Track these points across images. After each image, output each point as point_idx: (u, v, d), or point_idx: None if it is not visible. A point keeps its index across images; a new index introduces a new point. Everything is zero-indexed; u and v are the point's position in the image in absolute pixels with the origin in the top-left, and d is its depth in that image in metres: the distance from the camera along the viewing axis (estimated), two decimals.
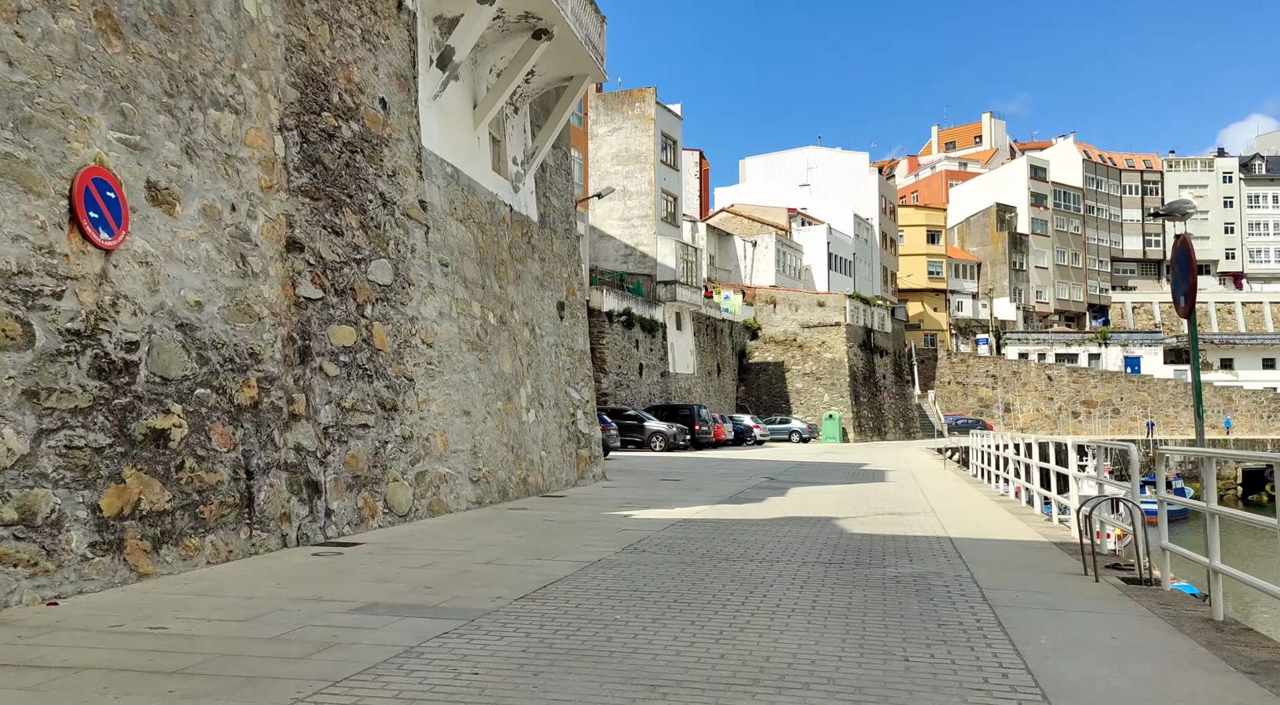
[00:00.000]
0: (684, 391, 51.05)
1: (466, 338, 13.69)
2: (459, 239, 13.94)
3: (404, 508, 11.06)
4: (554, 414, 17.10)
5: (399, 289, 11.76)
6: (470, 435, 13.24)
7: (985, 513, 13.70)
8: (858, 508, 14.00)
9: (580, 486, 17.54)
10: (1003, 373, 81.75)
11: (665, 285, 49.51)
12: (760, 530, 10.92)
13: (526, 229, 17.08)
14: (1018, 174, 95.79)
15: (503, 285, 15.49)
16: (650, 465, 25.50)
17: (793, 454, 35.65)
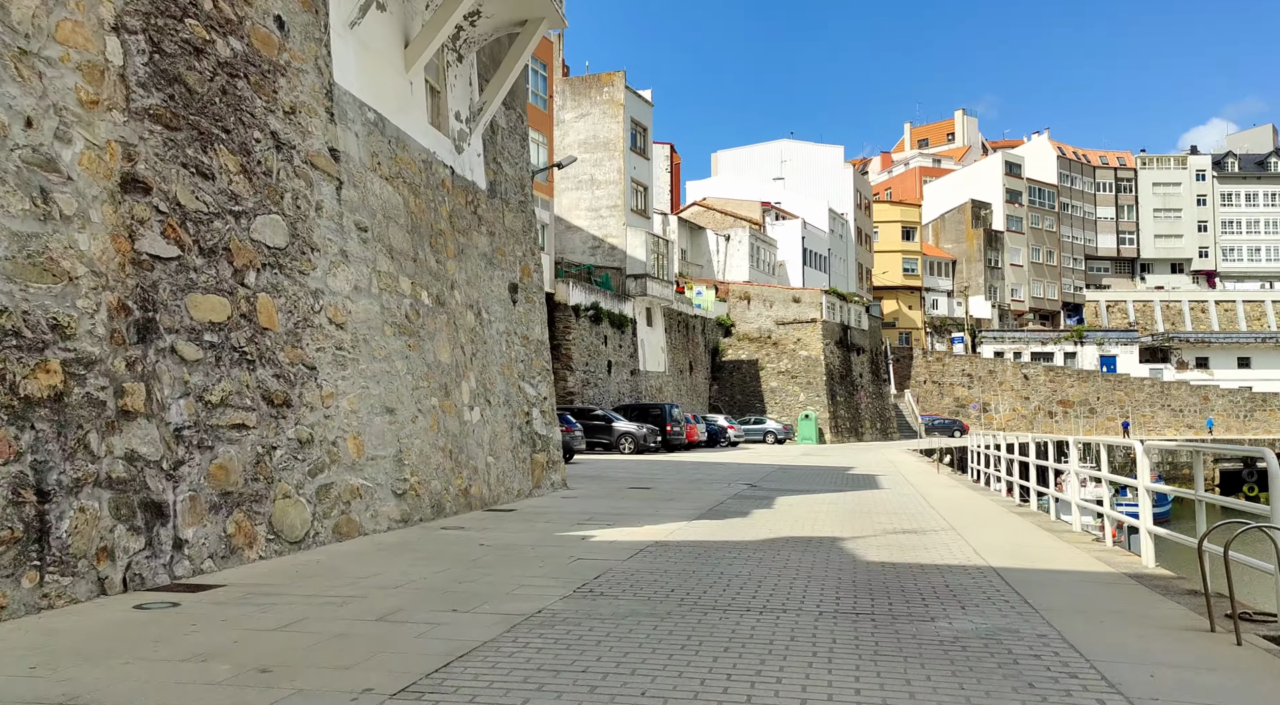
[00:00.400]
0: (655, 390, 48.77)
1: (392, 319, 11.28)
2: (384, 200, 11.53)
3: (297, 531, 8.64)
4: (504, 413, 14.72)
5: (297, 254, 9.33)
6: (394, 438, 10.84)
7: (1011, 528, 11.51)
8: (862, 523, 11.76)
9: (535, 497, 15.17)
10: (979, 372, 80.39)
11: (635, 279, 47.20)
12: (752, 558, 8.63)
13: (472, 197, 14.69)
14: (992, 170, 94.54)
15: (441, 260, 13.09)
16: (618, 470, 23.17)
17: (770, 456, 33.50)
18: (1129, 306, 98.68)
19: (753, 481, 19.49)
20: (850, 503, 14.68)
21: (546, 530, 10.69)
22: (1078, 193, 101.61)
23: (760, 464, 27.11)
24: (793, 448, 45.50)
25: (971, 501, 15.34)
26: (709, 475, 21.63)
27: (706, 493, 16.30)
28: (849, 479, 20.99)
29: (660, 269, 48.92)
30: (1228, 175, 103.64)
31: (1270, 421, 79.03)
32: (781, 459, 31.18)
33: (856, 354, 60.90)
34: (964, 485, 19.96)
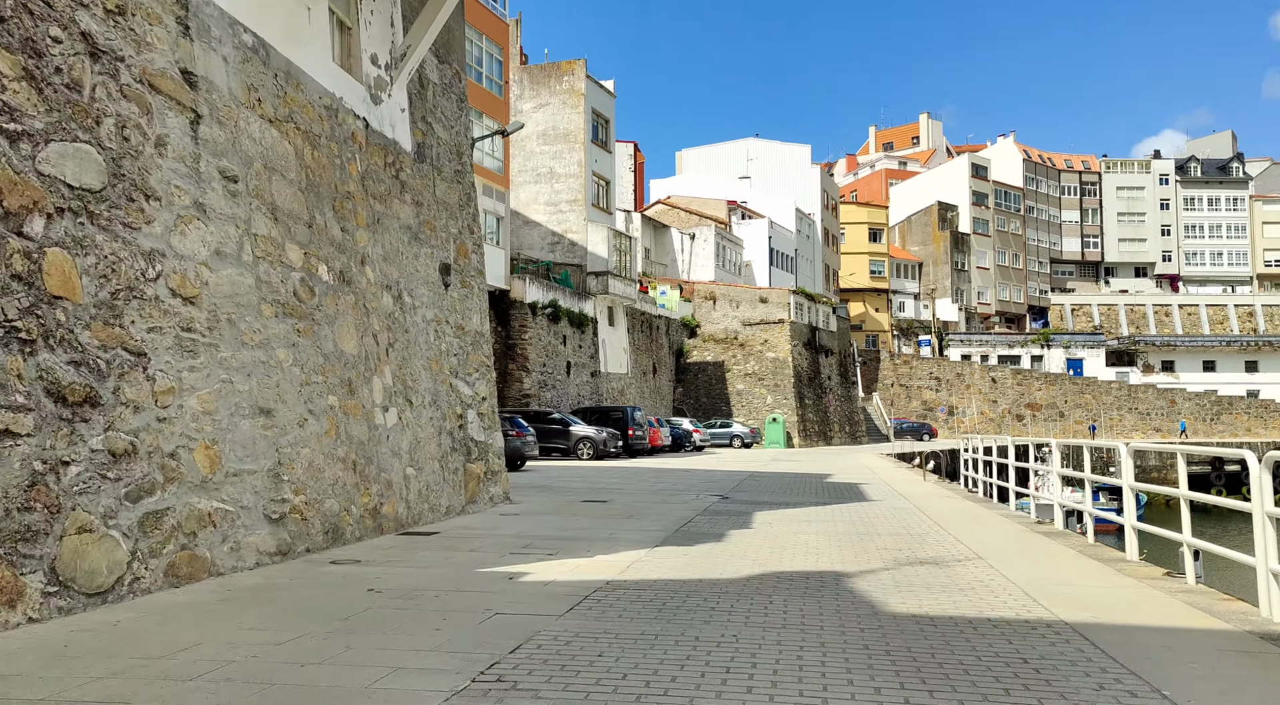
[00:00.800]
0: (617, 393, 46.48)
1: (274, 296, 8.86)
2: (266, 148, 9.10)
3: (103, 577, 6.20)
4: (431, 415, 12.31)
5: (120, 201, 6.89)
6: (271, 447, 8.41)
7: (1046, 555, 9.35)
8: (864, 549, 9.53)
9: (469, 514, 12.78)
10: (946, 375, 79.09)
11: (596, 277, 44.88)
12: (736, 610, 6.35)
13: (394, 158, 12.28)
14: (959, 172, 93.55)
15: (349, 229, 10.67)
16: (574, 479, 20.83)
17: (739, 462, 31.36)
18: (1094, 310, 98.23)
19: (724, 492, 17.24)
20: (841, 520, 12.47)
21: (467, 564, 8.33)
22: (1043, 196, 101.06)
23: (729, 470, 24.92)
24: (761, 452, 43.46)
25: (978, 517, 13.20)
26: (674, 484, 19.36)
27: (672, 507, 14.01)
28: (830, 489, 18.82)
29: (623, 267, 46.66)
30: (1190, 180, 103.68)
31: (1235, 425, 78.58)
32: (751, 465, 29.04)
33: (825, 356, 59.07)
34: (958, 495, 17.88)
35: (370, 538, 10.06)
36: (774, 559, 8.85)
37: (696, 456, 37.43)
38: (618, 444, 31.96)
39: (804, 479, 22.23)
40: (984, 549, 9.67)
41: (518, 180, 45.83)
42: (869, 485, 20.01)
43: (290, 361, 8.98)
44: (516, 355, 38.30)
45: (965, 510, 14.27)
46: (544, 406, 37.65)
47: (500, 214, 38.43)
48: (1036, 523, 12.67)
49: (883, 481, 21.42)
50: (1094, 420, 77.80)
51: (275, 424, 8.51)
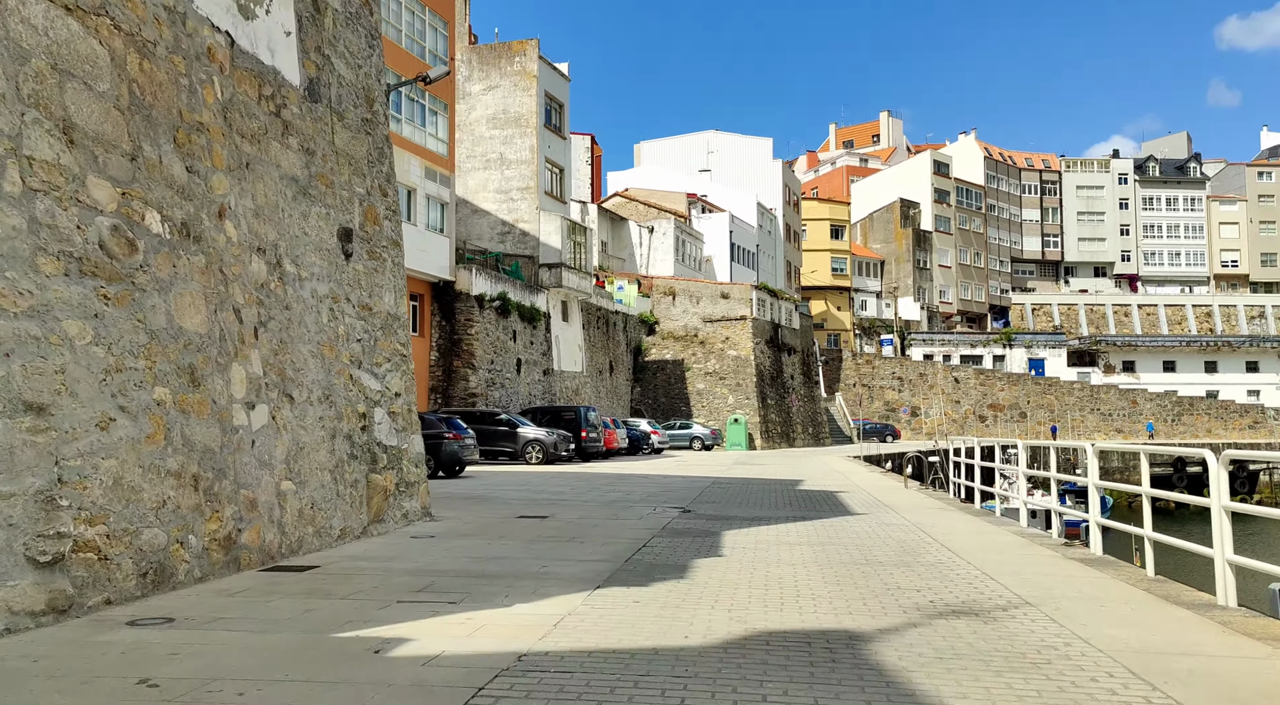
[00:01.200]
0: (571, 392, 44.01)
1: (61, 247, 6.33)
2: (56, 42, 6.57)
3: None
4: (321, 414, 9.80)
5: None
6: (42, 459, 5.88)
7: (1115, 600, 7.11)
8: (872, 592, 7.23)
9: (371, 537, 10.29)
10: (909, 375, 77.72)
11: (550, 269, 42.38)
12: None
13: (273, 92, 9.75)
14: (921, 169, 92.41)
15: (199, 170, 8.15)
16: (515, 487, 18.38)
17: (700, 465, 29.09)
18: (1054, 310, 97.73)
19: (685, 503, 14.91)
20: (831, 542, 10.18)
21: (328, 623, 5.88)
22: (1004, 194, 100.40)
23: (690, 476, 22.65)
24: (722, 455, 41.26)
25: (991, 537, 11.00)
26: (629, 493, 16.99)
27: (625, 524, 11.65)
28: (805, 499, 16.56)
29: (578, 259, 44.21)
30: (1149, 179, 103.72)
31: (1196, 425, 78.18)
32: (713, 469, 26.79)
33: (788, 354, 57.10)
34: (951, 506, 15.72)
35: (220, 576, 7.55)
36: (756, 607, 6.51)
37: (655, 460, 35.09)
38: (569, 447, 29.51)
39: (773, 486, 19.99)
40: (1026, 588, 7.41)
41: (465, 166, 43.21)
42: (848, 494, 17.80)
43: (89, 338, 6.44)
44: (462, 351, 35.69)
45: (971, 527, 12.07)
46: (492, 406, 35.10)
47: (445, 199, 35.79)
48: (1064, 544, 10.49)
49: (861, 489, 19.25)
50: (1056, 421, 76.95)
51: (53, 426, 5.98)
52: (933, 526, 11.95)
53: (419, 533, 10.64)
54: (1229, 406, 78.65)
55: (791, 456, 40.53)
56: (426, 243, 34.14)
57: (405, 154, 32.72)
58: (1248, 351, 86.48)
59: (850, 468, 29.33)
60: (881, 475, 25.42)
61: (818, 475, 24.20)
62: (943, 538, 10.70)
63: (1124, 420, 77.72)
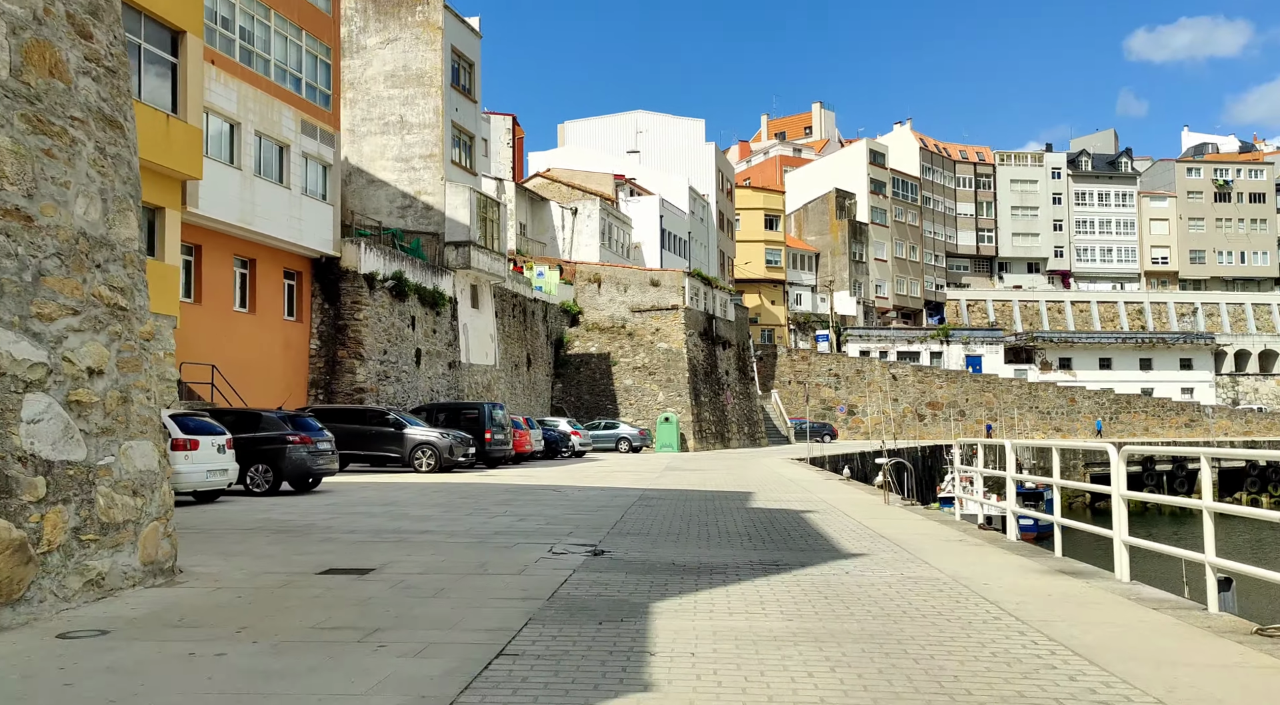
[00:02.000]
0: (481, 388, 38.98)
1: None
2: None
3: None
4: None
5: None
6: None
7: None
8: None
9: None
10: (846, 372, 74.46)
11: (457, 248, 37.28)
12: None
13: None
14: (857, 158, 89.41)
15: None
16: (371, 510, 13.49)
17: (626, 472, 24.49)
18: (989, 306, 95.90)
19: (599, 537, 10.23)
20: (846, 631, 5.63)
21: None
22: (939, 187, 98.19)
23: (612, 489, 18.04)
24: (652, 457, 36.75)
25: (1115, 615, 6.56)
26: (524, 518, 12.25)
27: (489, 588, 6.94)
28: (767, 524, 12.02)
29: (491, 238, 39.18)
30: (1082, 174, 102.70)
31: (1134, 423, 76.55)
32: (642, 477, 22.23)
33: (722, 348, 52.88)
34: (975, 536, 11.36)
35: None
36: None
37: (574, 465, 30.33)
38: (469, 451, 24.54)
39: (718, 502, 15.45)
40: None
41: (360, 130, 37.85)
42: (820, 516, 13.31)
43: None
44: (348, 339, 30.42)
45: (1050, 589, 7.61)
46: (383, 404, 29.97)
47: (328, 160, 30.47)
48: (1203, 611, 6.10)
49: (831, 505, 14.81)
50: (992, 420, 74.42)
51: None
52: (990, 584, 7.46)
53: (85, 626, 5.71)
54: (1165, 404, 77.23)
55: (729, 459, 36.19)
56: (303, 210, 28.82)
57: (275, 101, 27.38)
58: (1182, 348, 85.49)
59: (800, 474, 25.01)
60: (843, 484, 21.11)
61: (768, 484, 19.78)
62: (1028, 615, 6.20)
63: (1062, 418, 75.66)
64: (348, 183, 37.93)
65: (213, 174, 24.58)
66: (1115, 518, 7.80)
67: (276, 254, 28.41)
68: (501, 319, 41.98)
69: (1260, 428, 76.65)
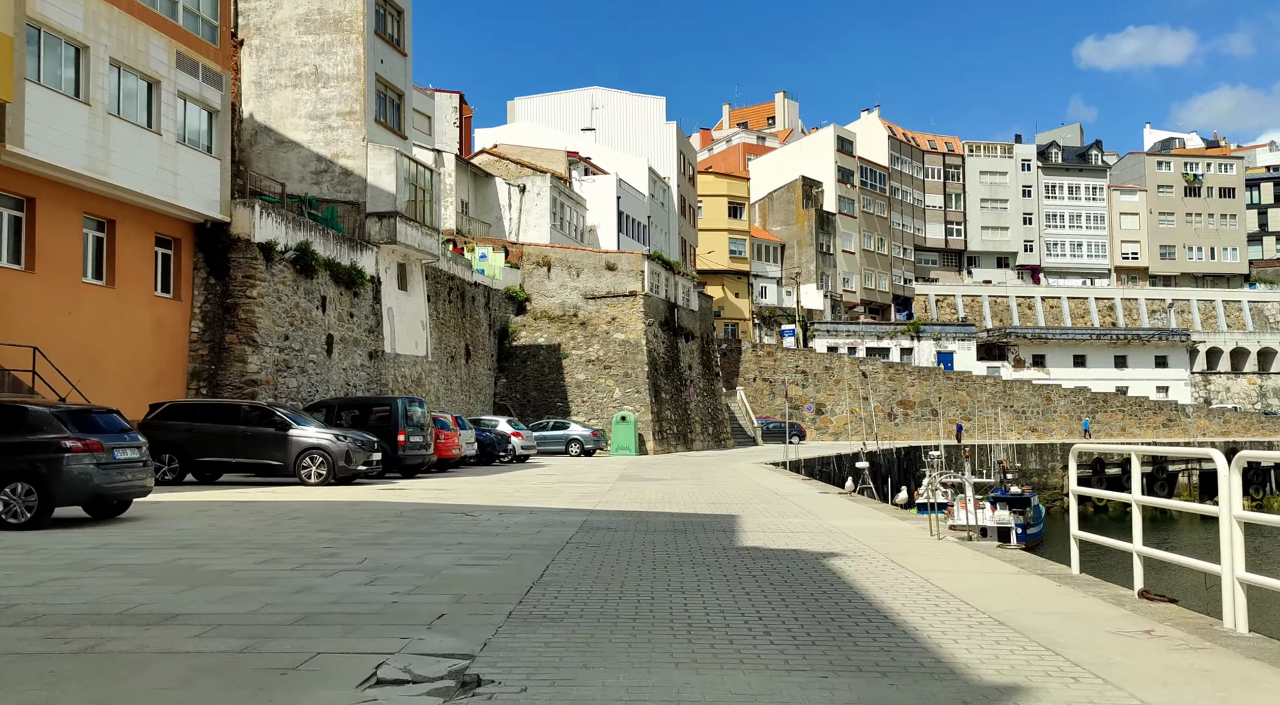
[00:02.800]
0: (411, 383, 33.87)
1: None
2: None
3: None
4: None
5: None
6: None
7: None
8: None
9: None
10: (814, 368, 70.26)
11: (381, 220, 32.15)
12: None
13: None
14: (824, 146, 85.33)
15: None
16: (160, 552, 8.53)
17: (571, 482, 19.69)
18: (958, 301, 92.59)
19: (481, 639, 5.44)
20: None
21: None
22: (908, 177, 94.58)
23: (548, 511, 13.25)
24: (606, 462, 31.95)
25: None
26: (379, 578, 7.31)
27: None
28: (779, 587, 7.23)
29: (423, 211, 34.09)
30: (1052, 166, 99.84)
31: (1111, 423, 73.33)
32: (590, 490, 17.47)
33: (685, 340, 48.20)
34: (1156, 617, 6.70)
35: None
36: None
37: (512, 472, 25.38)
38: (372, 458, 19.47)
39: (694, 536, 10.67)
40: None
41: (268, 82, 32.55)
42: (855, 564, 8.56)
43: None
44: (238, 321, 25.16)
45: None
46: (287, 399, 24.83)
47: (214, 105, 25.21)
48: None
49: (860, 543, 10.10)
50: (966, 419, 70.65)
51: None
52: None
53: None
54: (1143, 404, 74.18)
55: (695, 464, 31.49)
56: (181, 163, 23.56)
57: (141, 26, 22.10)
58: (1157, 345, 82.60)
59: (785, 484, 20.37)
60: (848, 499, 16.46)
61: (753, 501, 15.08)
62: None
63: (1038, 417, 72.18)
64: (253, 143, 32.64)
65: (48, 106, 19.32)
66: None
67: (145, 215, 23.11)
68: (435, 304, 36.87)
69: (1238, 428, 73.83)
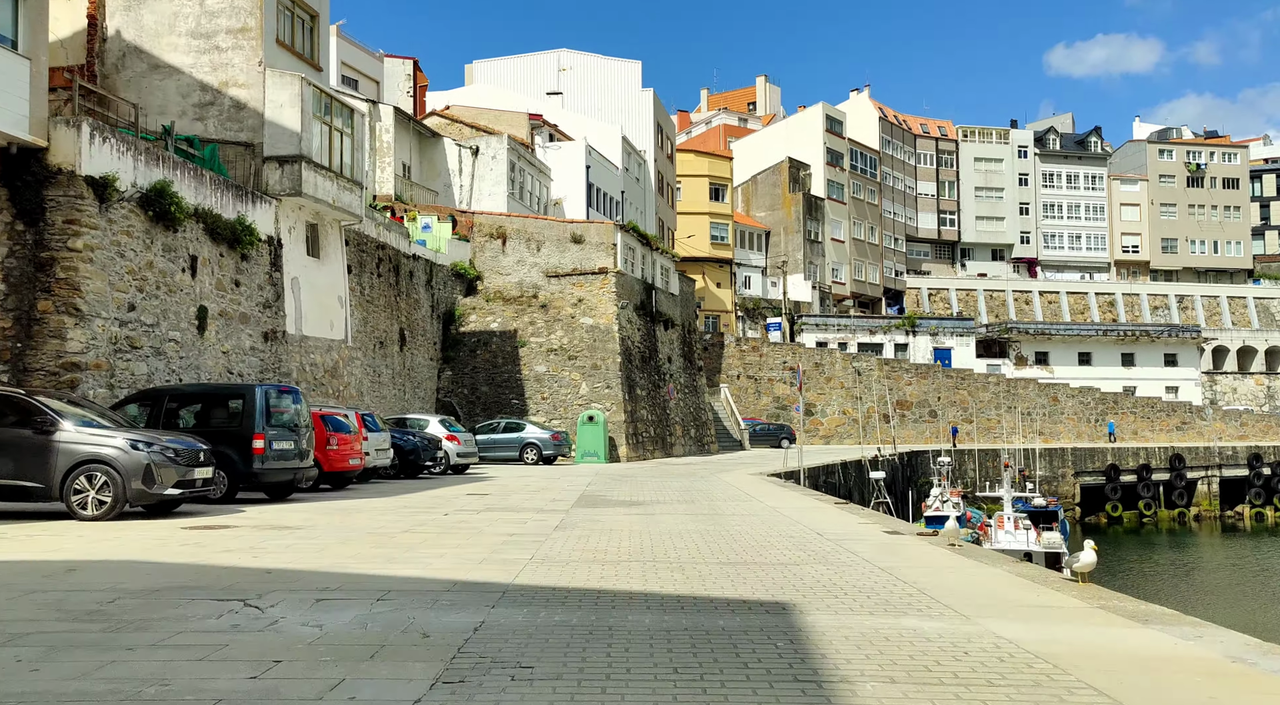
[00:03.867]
0: (324, 373, 27.03)
1: None
2: None
3: None
4: None
5: None
6: None
7: None
8: None
9: None
10: (803, 365, 63.88)
11: (283, 165, 25.26)
12: None
13: None
14: (812, 125, 79.16)
15: None
16: None
17: (505, 514, 13.03)
18: (951, 295, 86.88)
19: None
20: None
21: None
22: (899, 163, 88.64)
23: (425, 587, 6.70)
24: (568, 472, 25.25)
25: None
26: None
27: None
28: None
29: (342, 158, 27.26)
30: (1049, 153, 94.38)
31: (1122, 426, 67.60)
32: (527, 528, 10.89)
33: (664, 328, 41.63)
34: None
35: None
36: None
37: (436, 490, 18.57)
38: (193, 474, 12.62)
39: (722, 675, 4.07)
40: None
41: None
42: None
43: None
44: (55, 281, 18.21)
45: None
46: (126, 389, 17.99)
47: None
48: None
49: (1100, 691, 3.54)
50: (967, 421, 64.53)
51: None
52: None
53: None
54: (1155, 405, 68.61)
55: (679, 476, 24.86)
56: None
57: None
58: (1166, 343, 77.05)
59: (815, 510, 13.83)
60: (969, 558, 9.94)
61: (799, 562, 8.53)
62: None
63: (1045, 420, 66.19)
64: (120, 68, 25.68)
65: None
66: None
67: None
68: (360, 278, 30.03)
69: (1255, 431, 68.28)
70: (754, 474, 26.84)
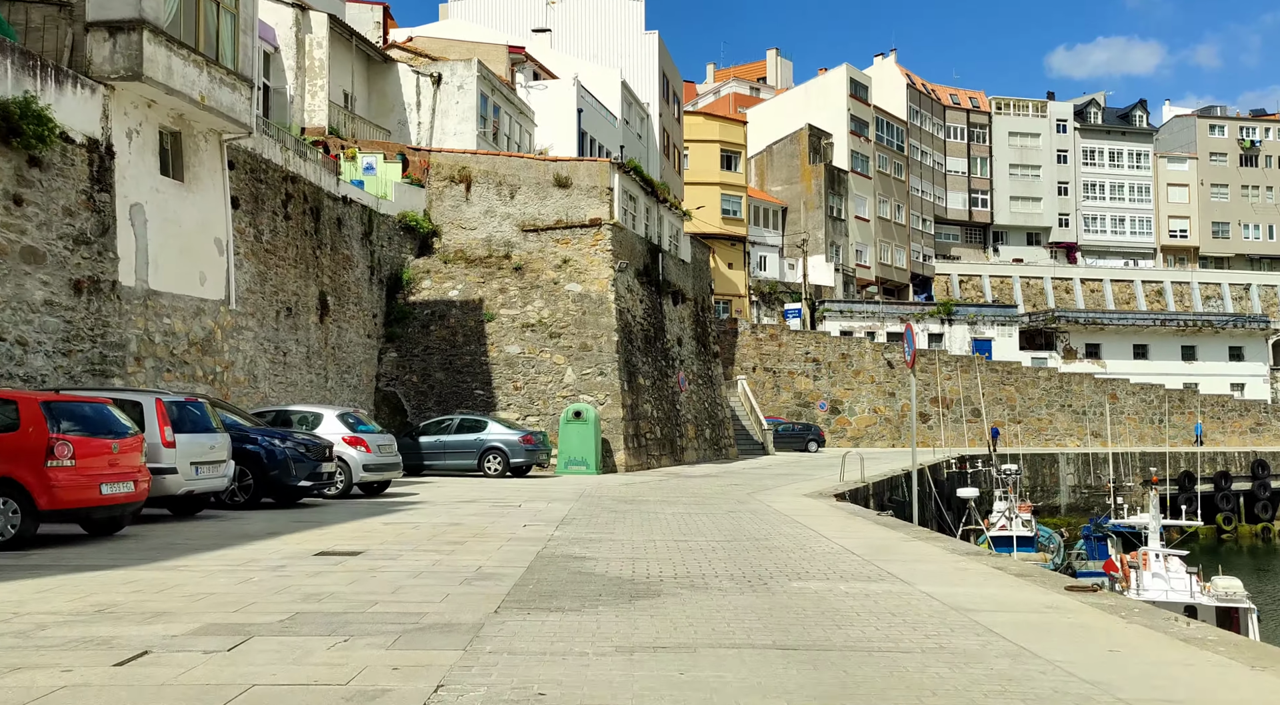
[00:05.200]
0: (189, 346, 18.65)
1: None
2: None
3: None
4: None
5: None
6: None
7: None
8: None
9: None
10: (828, 356, 55.64)
11: (114, 33, 16.83)
12: None
13: None
14: (835, 89, 70.71)
15: None
16: None
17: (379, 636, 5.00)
18: (985, 282, 78.54)
19: None
20: None
21: None
22: (927, 136, 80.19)
23: None
24: (545, 488, 16.69)
25: None
26: None
27: None
28: None
29: (219, 42, 18.83)
30: (1090, 127, 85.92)
31: (1186, 427, 59.23)
32: None
33: (673, 302, 33.20)
34: None
35: None
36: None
37: (300, 534, 10.13)
38: None
39: None
40: None
41: None
42: None
43: None
44: None
45: None
46: None
47: None
48: None
49: None
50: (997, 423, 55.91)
51: None
52: None
53: None
54: (1225, 403, 60.28)
55: (703, 499, 16.42)
56: None
57: None
58: (1232, 334, 68.53)
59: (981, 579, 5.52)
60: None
61: None
62: None
63: (1099, 419, 57.53)
64: None
65: None
66: None
67: None
68: (256, 217, 21.59)
69: None
70: (807, 494, 18.56)
